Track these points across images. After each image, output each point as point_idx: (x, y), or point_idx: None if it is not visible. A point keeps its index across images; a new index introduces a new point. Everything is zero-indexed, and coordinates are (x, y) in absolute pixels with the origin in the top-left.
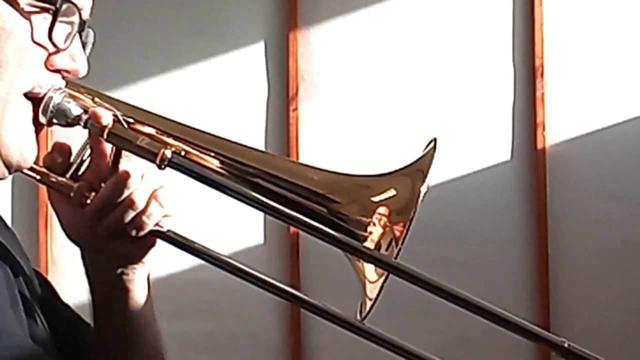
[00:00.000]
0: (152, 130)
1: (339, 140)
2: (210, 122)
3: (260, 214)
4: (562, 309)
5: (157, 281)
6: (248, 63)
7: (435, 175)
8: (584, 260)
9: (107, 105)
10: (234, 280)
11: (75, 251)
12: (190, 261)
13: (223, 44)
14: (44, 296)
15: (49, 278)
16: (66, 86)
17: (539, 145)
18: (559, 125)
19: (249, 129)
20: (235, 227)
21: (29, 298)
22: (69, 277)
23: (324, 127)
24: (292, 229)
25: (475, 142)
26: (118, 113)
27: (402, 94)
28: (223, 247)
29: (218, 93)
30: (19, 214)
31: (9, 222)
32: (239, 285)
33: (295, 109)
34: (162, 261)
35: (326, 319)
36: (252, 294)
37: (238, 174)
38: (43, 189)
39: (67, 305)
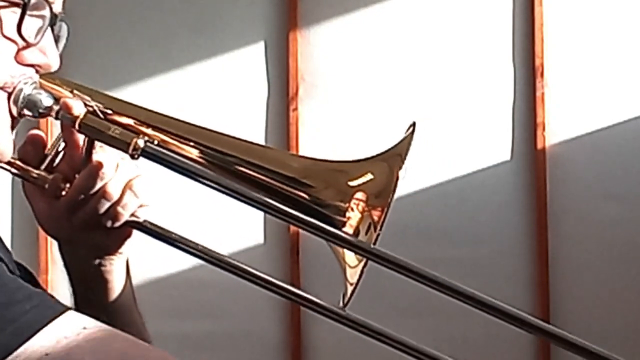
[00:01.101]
0: (130, 121)
1: (339, 140)
2: (210, 122)
3: (260, 214)
4: (562, 309)
5: (157, 281)
6: (248, 63)
7: (435, 175)
8: (584, 260)
9: (84, 97)
10: (234, 280)
11: None
12: (190, 261)
13: (223, 44)
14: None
15: (49, 278)
16: (42, 78)
17: (539, 145)
18: (559, 125)
19: (249, 129)
20: (235, 227)
21: None
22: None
23: (324, 127)
24: (292, 228)
25: (475, 142)
26: (94, 104)
27: (402, 94)
28: (223, 247)
29: (218, 93)
30: (19, 215)
31: (9, 222)
32: (239, 285)
33: (295, 109)
34: (162, 261)
35: (308, 307)
36: (252, 293)
37: (214, 161)
38: None
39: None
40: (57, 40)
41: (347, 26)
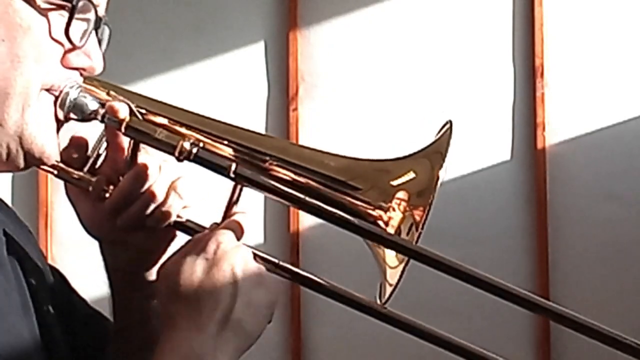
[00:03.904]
0: (165, 121)
1: (339, 140)
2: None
3: (261, 214)
4: None
5: None
6: (248, 63)
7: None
8: (584, 260)
9: (122, 98)
10: None
11: (75, 251)
12: None
13: (223, 43)
14: (60, 291)
15: None
16: (83, 81)
17: (539, 145)
18: (559, 125)
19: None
20: None
21: (40, 292)
22: (69, 277)
23: (324, 127)
24: (292, 228)
25: (475, 142)
26: (132, 104)
27: (402, 94)
28: None
29: (218, 93)
30: (19, 214)
31: None
32: None
33: (295, 109)
34: None
35: (347, 304)
36: None
37: (255, 162)
38: (43, 189)
39: (84, 301)
40: (99, 42)
41: (347, 26)
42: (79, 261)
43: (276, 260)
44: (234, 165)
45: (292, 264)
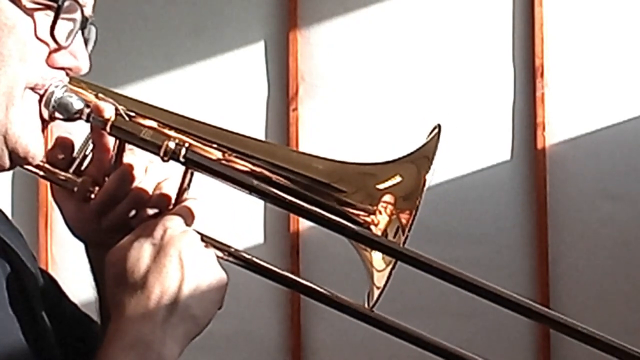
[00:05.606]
0: (153, 124)
1: (339, 140)
2: (210, 122)
3: (261, 214)
4: (562, 309)
5: None
6: (248, 63)
7: (436, 175)
8: (584, 260)
9: (109, 100)
10: (234, 280)
11: (75, 251)
12: None
13: (223, 44)
14: (50, 294)
15: None
16: (69, 82)
17: (539, 145)
18: (559, 125)
19: (249, 129)
20: (235, 227)
21: (31, 295)
22: (69, 277)
23: (324, 127)
24: (292, 228)
25: (475, 142)
26: (120, 107)
27: (402, 94)
28: None
29: (218, 93)
30: (19, 214)
31: None
32: (239, 286)
33: (295, 109)
34: None
35: (336, 308)
36: (252, 294)
37: (242, 164)
38: (43, 189)
39: (74, 304)
40: (85, 42)
41: (347, 26)
42: (79, 261)
43: (231, 247)
44: (183, 150)
45: (292, 264)
